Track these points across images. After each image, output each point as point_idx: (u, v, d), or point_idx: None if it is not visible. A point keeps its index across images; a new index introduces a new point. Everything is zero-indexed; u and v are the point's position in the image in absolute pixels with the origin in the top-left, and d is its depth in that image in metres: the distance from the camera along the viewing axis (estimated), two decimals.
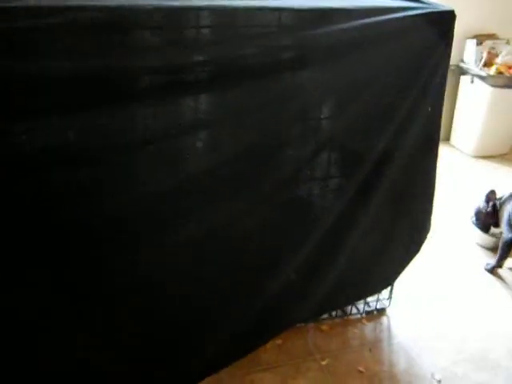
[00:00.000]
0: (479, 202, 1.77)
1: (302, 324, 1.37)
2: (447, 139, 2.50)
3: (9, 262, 0.92)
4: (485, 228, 1.78)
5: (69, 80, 0.86)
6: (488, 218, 1.75)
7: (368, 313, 1.44)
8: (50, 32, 0.84)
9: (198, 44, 0.96)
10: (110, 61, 0.88)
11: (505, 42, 2.38)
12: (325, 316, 1.40)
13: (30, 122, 0.88)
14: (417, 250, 1.36)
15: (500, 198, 1.72)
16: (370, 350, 1.34)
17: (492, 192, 1.74)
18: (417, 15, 1.07)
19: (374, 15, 1.05)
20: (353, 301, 1.41)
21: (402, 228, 1.31)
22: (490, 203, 1.72)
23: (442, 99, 1.20)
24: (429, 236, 1.36)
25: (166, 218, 1.02)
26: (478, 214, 1.78)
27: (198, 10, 0.94)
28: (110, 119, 0.91)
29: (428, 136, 1.21)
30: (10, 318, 0.96)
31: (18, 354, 0.99)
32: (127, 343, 1.08)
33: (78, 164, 0.93)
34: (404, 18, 1.06)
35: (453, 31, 1.12)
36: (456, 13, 1.11)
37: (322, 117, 1.09)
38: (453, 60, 1.18)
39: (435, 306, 1.51)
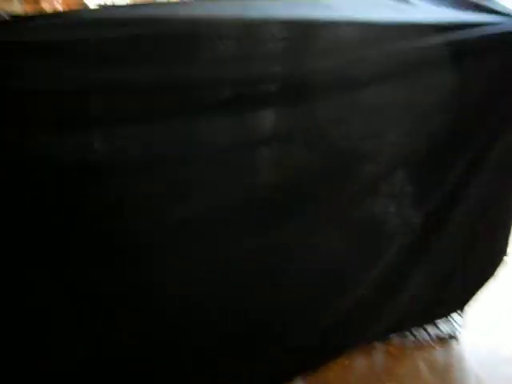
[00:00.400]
0: None
1: (371, 344, 1.33)
2: None
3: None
4: None
5: (150, 90, 0.88)
6: None
7: (439, 337, 1.39)
8: (135, 42, 0.85)
9: (277, 56, 0.96)
10: (191, 71, 0.89)
11: None
12: (394, 338, 1.35)
13: (108, 130, 0.89)
14: (492, 273, 1.31)
15: None
16: (439, 375, 1.29)
17: None
18: (495, 34, 1.02)
19: (457, 30, 1.01)
20: (424, 323, 1.36)
21: (479, 250, 1.26)
22: None
23: None
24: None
25: (237, 228, 1.01)
26: None
27: (278, 22, 0.93)
28: (191, 128, 0.91)
29: (508, 159, 1.16)
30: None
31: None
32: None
33: (155, 171, 0.94)
34: (483, 36, 1.02)
35: None
36: None
37: (400, 133, 1.05)
38: None
39: (508, 331, 1.44)
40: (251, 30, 0.94)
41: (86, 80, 0.82)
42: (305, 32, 0.96)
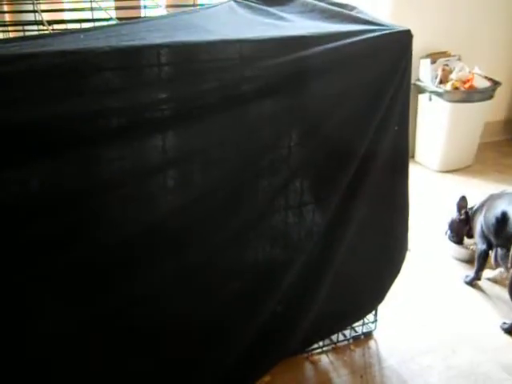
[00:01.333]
0: (451, 213, 1.78)
1: (291, 357, 1.33)
2: (412, 156, 2.53)
3: None
4: (459, 240, 1.79)
5: (28, 129, 0.84)
6: (462, 226, 1.75)
7: (355, 338, 1.42)
8: (5, 81, 0.82)
9: (160, 82, 0.95)
10: (71, 106, 0.86)
11: (457, 58, 2.44)
12: (314, 346, 1.36)
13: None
14: (398, 270, 1.36)
15: (471, 208, 1.73)
16: (361, 376, 1.31)
17: (463, 198, 1.75)
18: (375, 37, 1.08)
19: (334, 41, 1.05)
20: (342, 328, 1.39)
21: (384, 249, 1.30)
22: (463, 211, 1.73)
23: (407, 118, 1.20)
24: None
25: (139, 260, 0.99)
26: (452, 225, 1.79)
27: (158, 47, 0.93)
28: (77, 164, 0.89)
29: (398, 155, 1.21)
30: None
31: None
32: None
33: (45, 213, 0.90)
34: (363, 41, 1.07)
35: (411, 51, 1.13)
36: None
37: (291, 144, 1.08)
38: None
39: (420, 324, 1.50)
40: (132, 58, 0.92)
41: None
42: (185, 55, 0.96)
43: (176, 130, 0.99)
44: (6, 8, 1.60)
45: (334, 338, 1.39)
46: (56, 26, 1.28)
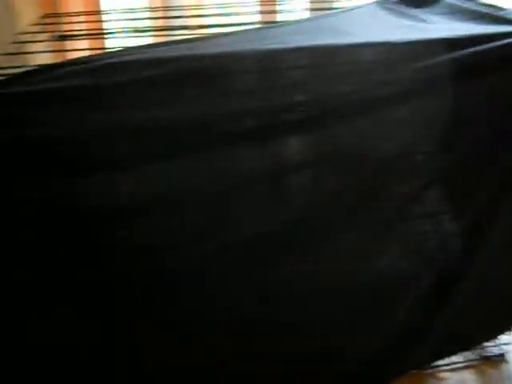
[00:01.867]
0: None
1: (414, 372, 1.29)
2: None
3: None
4: None
5: (175, 126, 0.89)
6: None
7: (487, 358, 1.34)
8: (152, 83, 0.87)
9: (299, 84, 0.96)
10: (214, 106, 0.90)
11: None
12: (440, 363, 1.31)
13: (133, 172, 0.90)
14: None
15: None
16: None
17: None
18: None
19: (481, 43, 1.00)
20: (472, 345, 1.31)
21: None
22: None
23: None
24: None
25: (269, 259, 1.00)
26: None
27: (298, 50, 0.94)
28: (215, 162, 0.92)
29: None
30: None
31: None
32: None
33: (184, 208, 0.95)
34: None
35: None
36: None
37: (430, 151, 1.04)
38: None
39: None
40: (271, 61, 0.95)
41: (110, 123, 0.84)
42: (325, 58, 0.97)
43: (312, 132, 0.99)
44: (159, 14, 1.71)
45: (463, 356, 1.33)
46: (201, 31, 1.35)
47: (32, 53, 1.12)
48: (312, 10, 1.58)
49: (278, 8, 1.61)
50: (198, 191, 0.93)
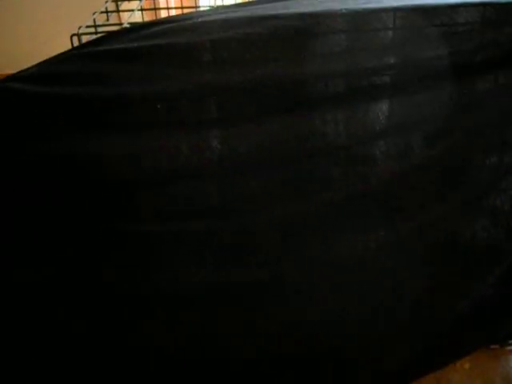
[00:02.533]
0: None
1: (496, 346, 1.25)
2: None
3: None
4: None
5: (265, 87, 0.89)
6: None
7: None
8: (247, 42, 0.87)
9: (392, 46, 0.93)
10: (303, 66, 0.89)
11: None
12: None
13: (223, 131, 0.91)
14: None
15: None
16: None
17: None
18: None
19: None
20: None
21: None
22: None
23: None
24: None
25: (355, 222, 0.99)
26: None
27: (394, 10, 0.91)
28: (304, 125, 0.92)
29: None
30: None
31: None
32: None
33: (269, 169, 0.95)
34: None
35: None
36: None
37: None
38: None
39: None
40: (361, 22, 0.92)
41: (200, 82, 0.85)
42: (422, 19, 0.93)
43: (401, 97, 0.96)
44: None
45: None
46: None
47: (127, 10, 1.14)
48: None
49: None
50: (283, 153, 0.93)
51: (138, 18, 1.31)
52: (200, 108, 0.89)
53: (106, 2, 1.10)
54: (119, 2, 1.19)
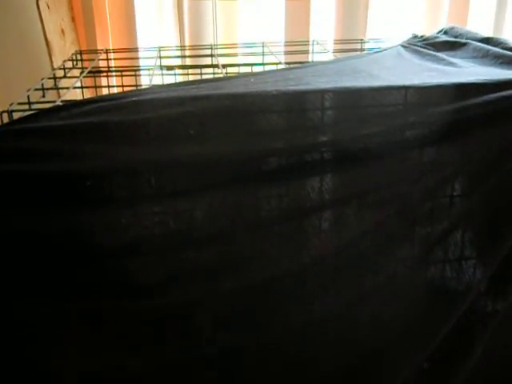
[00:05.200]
0: None
1: None
2: None
3: None
4: None
5: (197, 164, 0.90)
6: None
7: None
8: (179, 121, 0.89)
9: (322, 125, 0.97)
10: (237, 145, 0.91)
11: None
12: None
13: (159, 206, 0.92)
14: None
15: None
16: None
17: None
18: None
19: (507, 89, 0.99)
20: None
21: None
22: None
23: None
24: None
25: (288, 300, 1.00)
26: None
27: (322, 92, 0.95)
28: (237, 199, 0.93)
29: None
30: None
31: None
32: None
33: (205, 243, 0.95)
34: None
35: None
36: None
37: (453, 194, 1.03)
38: None
39: None
40: (296, 102, 0.96)
41: (133, 159, 0.85)
42: (349, 100, 0.98)
43: (334, 173, 0.99)
44: (187, 52, 1.76)
45: None
46: (230, 69, 1.38)
47: (64, 88, 1.15)
48: (338, 51, 1.60)
49: (306, 49, 1.63)
50: (217, 228, 0.94)
51: (78, 95, 1.32)
52: (133, 185, 0.89)
53: (42, 79, 1.11)
54: (58, 80, 1.21)
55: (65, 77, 1.28)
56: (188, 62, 1.76)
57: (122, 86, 1.35)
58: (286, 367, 1.03)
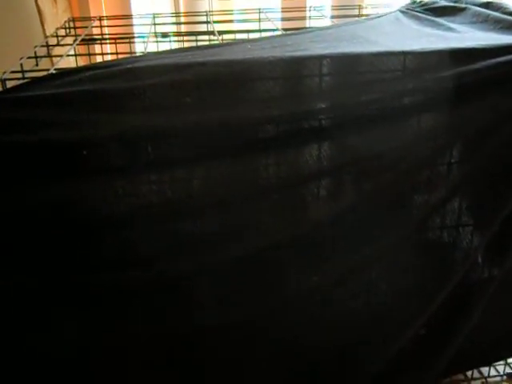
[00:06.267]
0: None
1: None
2: None
3: None
4: None
5: (194, 132, 0.89)
6: None
7: (510, 375, 1.30)
8: (175, 88, 0.88)
9: (320, 92, 0.96)
10: (234, 112, 0.90)
11: None
12: (460, 377, 1.28)
13: (157, 174, 0.91)
14: None
15: None
16: None
17: None
18: None
19: (505, 54, 0.98)
20: (492, 360, 1.28)
21: None
22: None
23: None
24: None
25: (286, 268, 1.00)
26: None
27: (320, 58, 0.94)
28: (235, 168, 0.92)
29: None
30: None
31: None
32: None
33: (203, 213, 0.95)
34: None
35: None
36: None
37: (451, 161, 1.02)
38: None
39: None
40: (293, 68, 0.95)
41: (129, 128, 0.84)
42: (347, 66, 0.96)
43: (332, 140, 0.99)
44: (182, 19, 1.74)
45: (484, 371, 1.29)
46: (226, 36, 1.35)
47: (58, 56, 1.13)
48: (336, 17, 1.58)
49: (303, 15, 1.61)
50: (214, 197, 0.94)
51: (72, 63, 1.30)
52: (129, 154, 0.88)
53: (35, 46, 1.09)
54: (51, 47, 1.18)
55: (58, 45, 1.26)
56: (183, 28, 1.73)
57: (117, 53, 1.33)
58: (283, 339, 1.04)
